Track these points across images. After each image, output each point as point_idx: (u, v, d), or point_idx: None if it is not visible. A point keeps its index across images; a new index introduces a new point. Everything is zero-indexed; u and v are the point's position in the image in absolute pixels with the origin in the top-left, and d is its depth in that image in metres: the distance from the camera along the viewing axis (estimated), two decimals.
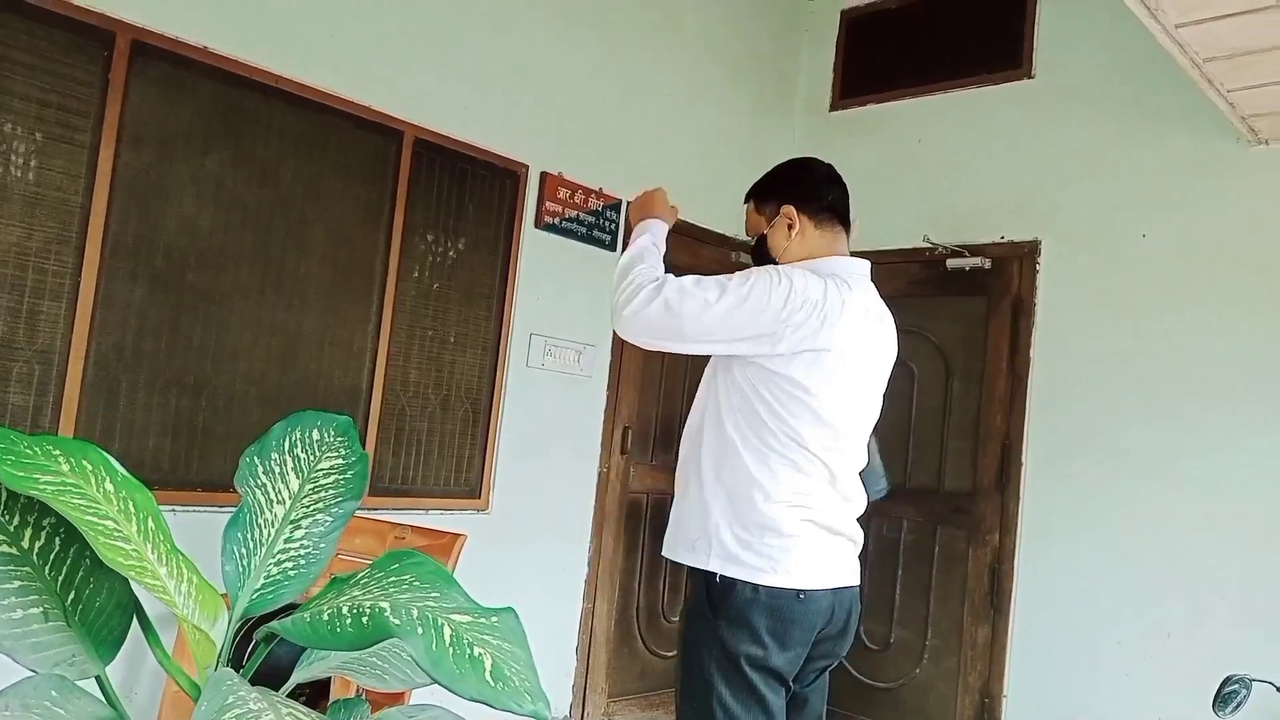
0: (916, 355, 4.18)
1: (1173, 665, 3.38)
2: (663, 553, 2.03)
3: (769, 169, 2.14)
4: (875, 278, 2.08)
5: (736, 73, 4.46)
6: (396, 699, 2.20)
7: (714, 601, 1.84)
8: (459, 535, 2.71)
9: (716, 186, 4.33)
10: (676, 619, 4.24)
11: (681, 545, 1.94)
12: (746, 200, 2.14)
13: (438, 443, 3.36)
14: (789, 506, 1.85)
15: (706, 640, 1.85)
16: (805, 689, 2.01)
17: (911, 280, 4.22)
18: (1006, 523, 3.83)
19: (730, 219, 4.40)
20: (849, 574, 1.98)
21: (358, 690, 2.12)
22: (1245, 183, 3.45)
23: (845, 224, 2.07)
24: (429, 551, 2.54)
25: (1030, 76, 3.99)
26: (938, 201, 4.19)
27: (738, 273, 1.88)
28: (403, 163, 3.21)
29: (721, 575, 1.83)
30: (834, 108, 4.61)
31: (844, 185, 2.08)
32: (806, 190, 2.03)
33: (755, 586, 1.82)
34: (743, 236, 4.35)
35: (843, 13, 4.63)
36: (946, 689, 3.92)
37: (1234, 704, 2.11)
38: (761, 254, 2.09)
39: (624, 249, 2.13)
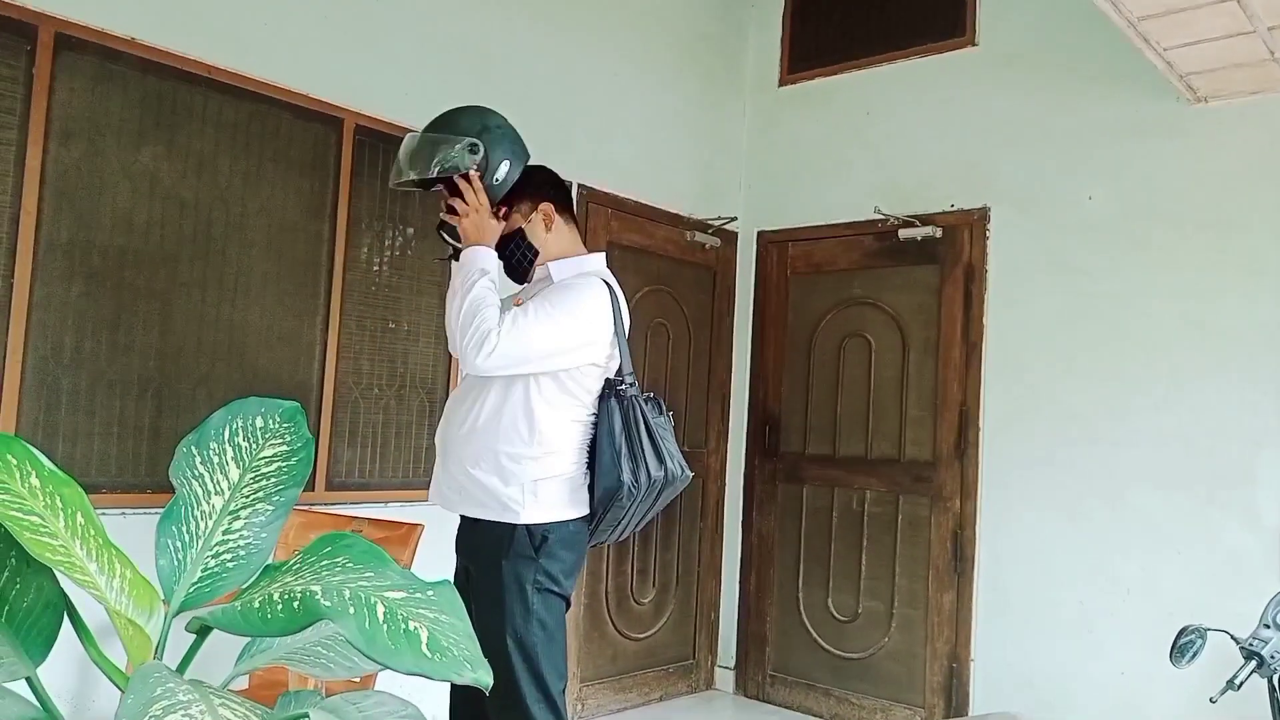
0: (873, 326, 4.20)
1: (1132, 620, 3.43)
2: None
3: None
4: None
5: (684, 51, 4.44)
6: (357, 688, 2.17)
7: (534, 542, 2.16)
8: (416, 525, 2.68)
9: (668, 165, 4.32)
10: (646, 600, 4.24)
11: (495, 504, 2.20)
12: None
13: (393, 434, 3.33)
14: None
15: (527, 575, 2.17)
16: None
17: (865, 252, 4.23)
18: (966, 489, 3.87)
19: (682, 198, 4.39)
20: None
21: (316, 682, 2.09)
22: (1186, 142, 3.48)
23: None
24: (385, 543, 2.51)
25: (974, 44, 4.01)
26: (888, 172, 4.20)
27: (543, 296, 2.15)
28: (344, 151, 3.16)
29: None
30: (783, 83, 4.61)
31: None
32: (559, 190, 2.34)
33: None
34: (696, 215, 4.38)
35: None
36: (915, 656, 3.95)
37: (1190, 654, 2.14)
38: (522, 245, 2.28)
39: (459, 272, 2.19)
